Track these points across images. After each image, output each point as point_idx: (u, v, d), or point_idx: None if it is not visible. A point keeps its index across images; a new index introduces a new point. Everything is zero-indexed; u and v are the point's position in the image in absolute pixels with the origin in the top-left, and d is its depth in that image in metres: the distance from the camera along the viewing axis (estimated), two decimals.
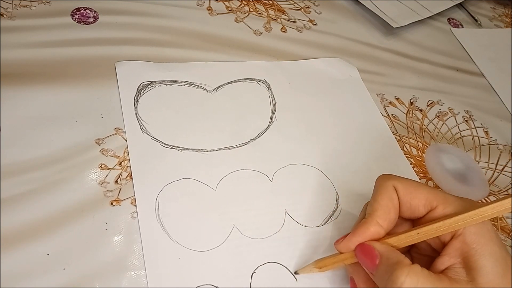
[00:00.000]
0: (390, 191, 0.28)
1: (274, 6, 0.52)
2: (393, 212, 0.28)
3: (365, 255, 0.27)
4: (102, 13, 0.43)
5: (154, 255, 0.29)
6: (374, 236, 0.27)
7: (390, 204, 0.28)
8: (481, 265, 0.25)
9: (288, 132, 0.39)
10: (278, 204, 0.34)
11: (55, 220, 0.29)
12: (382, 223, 0.27)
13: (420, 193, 0.28)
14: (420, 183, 0.29)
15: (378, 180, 0.29)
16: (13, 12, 0.40)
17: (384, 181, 0.29)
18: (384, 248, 0.27)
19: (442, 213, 0.27)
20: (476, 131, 0.47)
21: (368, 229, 0.27)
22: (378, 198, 0.28)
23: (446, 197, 0.28)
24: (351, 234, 0.28)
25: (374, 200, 0.28)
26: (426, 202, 0.28)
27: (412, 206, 0.28)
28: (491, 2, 0.69)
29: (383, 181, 0.29)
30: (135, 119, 0.35)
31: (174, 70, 0.40)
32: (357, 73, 0.47)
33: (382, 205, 0.28)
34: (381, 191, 0.28)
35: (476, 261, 0.25)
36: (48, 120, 0.33)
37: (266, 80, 0.42)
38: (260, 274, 0.30)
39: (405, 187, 0.28)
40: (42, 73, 0.36)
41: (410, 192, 0.28)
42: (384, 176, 0.29)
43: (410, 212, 0.28)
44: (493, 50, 0.59)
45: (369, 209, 0.28)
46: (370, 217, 0.28)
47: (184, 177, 0.33)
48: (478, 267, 0.25)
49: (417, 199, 0.28)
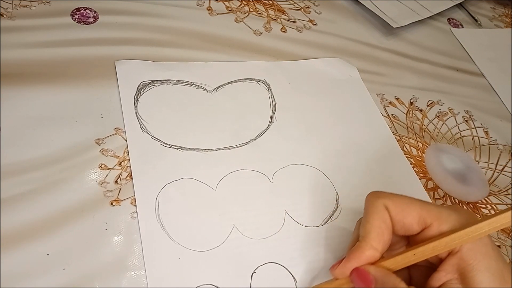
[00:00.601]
0: (381, 211, 0.27)
1: (274, 6, 0.52)
2: (386, 233, 0.27)
3: (360, 280, 0.26)
4: (102, 13, 0.43)
5: (154, 255, 0.29)
6: (369, 260, 0.27)
7: (383, 225, 0.27)
8: (478, 281, 0.25)
9: (288, 132, 0.39)
10: (278, 204, 0.34)
11: (55, 220, 0.29)
12: (377, 246, 0.27)
13: (413, 210, 0.27)
14: (412, 199, 0.28)
15: (368, 199, 0.28)
16: (13, 12, 0.40)
17: (374, 200, 0.28)
18: (379, 272, 0.26)
19: (437, 231, 0.26)
20: (476, 131, 0.47)
21: (363, 253, 0.26)
22: (370, 220, 0.27)
23: (440, 213, 0.27)
24: (346, 260, 0.27)
25: (366, 222, 0.27)
26: (419, 220, 0.27)
27: (406, 225, 0.27)
28: (491, 2, 0.69)
29: (373, 200, 0.28)
30: (135, 118, 0.35)
31: (174, 69, 0.40)
32: (357, 73, 0.47)
33: (375, 226, 0.27)
34: (372, 211, 0.27)
35: (473, 277, 0.25)
36: (48, 120, 0.33)
37: (266, 80, 0.42)
38: (260, 274, 0.30)
39: (396, 205, 0.27)
40: (42, 73, 0.36)
41: (402, 210, 0.27)
42: (374, 195, 0.28)
43: (404, 230, 0.27)
44: (493, 50, 0.59)
45: (362, 231, 0.27)
46: (364, 241, 0.27)
47: (184, 177, 0.33)
48: (475, 283, 0.25)
49: (410, 217, 0.27)
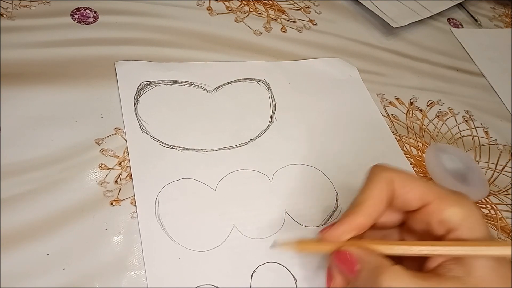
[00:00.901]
0: (384, 181, 0.27)
1: (274, 6, 0.52)
2: (383, 203, 0.27)
3: (343, 261, 0.26)
4: (102, 13, 0.43)
5: (154, 255, 0.29)
6: (361, 226, 0.26)
7: (383, 195, 0.27)
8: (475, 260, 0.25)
9: (288, 132, 0.39)
10: (278, 204, 0.34)
11: (55, 220, 0.29)
12: (371, 213, 0.26)
13: (416, 187, 0.27)
14: (415, 176, 0.28)
15: (372, 170, 0.28)
16: (13, 12, 0.40)
17: (379, 171, 0.28)
18: (363, 252, 0.26)
19: (437, 209, 0.26)
20: (476, 131, 0.47)
21: (356, 220, 0.26)
22: (370, 187, 0.27)
23: (440, 192, 0.27)
24: (338, 223, 0.27)
25: (367, 188, 0.27)
26: (421, 196, 0.27)
27: (407, 199, 0.27)
28: (491, 2, 0.69)
29: (379, 171, 0.28)
30: (135, 119, 0.35)
31: (174, 70, 0.40)
32: (357, 73, 0.47)
33: (373, 195, 0.27)
34: (375, 181, 0.27)
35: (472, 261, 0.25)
36: (48, 120, 0.33)
37: (266, 80, 0.42)
38: (260, 274, 0.30)
39: (402, 179, 0.27)
40: (42, 73, 0.36)
41: (406, 185, 0.27)
42: (379, 167, 0.28)
43: (403, 204, 0.27)
44: (493, 50, 0.59)
45: (359, 197, 0.27)
46: (358, 207, 0.27)
47: (184, 177, 0.33)
48: (471, 262, 0.25)
49: (413, 192, 0.27)
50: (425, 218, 0.27)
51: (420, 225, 0.27)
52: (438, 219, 0.26)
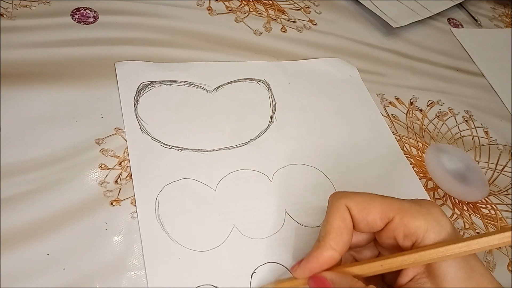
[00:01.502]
0: (342, 211, 0.27)
1: (274, 6, 0.52)
2: (345, 233, 0.27)
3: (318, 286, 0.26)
4: (102, 13, 0.43)
5: (154, 255, 0.29)
6: (328, 260, 0.26)
7: (342, 225, 0.27)
8: (444, 272, 0.25)
9: (288, 132, 0.39)
10: (278, 204, 0.34)
11: (55, 220, 0.29)
12: (336, 247, 0.26)
13: (374, 207, 0.27)
14: (373, 195, 0.28)
15: (330, 200, 0.28)
16: (13, 12, 0.40)
17: (335, 200, 0.27)
18: (335, 276, 0.26)
19: (400, 224, 0.26)
20: (476, 131, 0.47)
21: (321, 254, 0.26)
22: (330, 220, 0.27)
23: (401, 205, 0.27)
24: (305, 260, 0.27)
25: (326, 222, 0.27)
26: (382, 215, 0.27)
27: (369, 222, 0.27)
28: (491, 2, 0.69)
29: (334, 200, 0.27)
30: (135, 119, 0.35)
31: (174, 70, 0.40)
32: (357, 73, 0.47)
33: (334, 227, 0.27)
34: (333, 211, 0.27)
35: (439, 268, 0.25)
36: (48, 120, 0.33)
37: (266, 80, 0.42)
38: (260, 274, 0.30)
39: (358, 203, 0.27)
40: (42, 73, 0.36)
41: (364, 208, 0.27)
42: (335, 195, 0.28)
43: (368, 227, 0.27)
44: (493, 50, 0.59)
45: (322, 231, 0.27)
46: (323, 241, 0.26)
47: (184, 177, 0.33)
48: (441, 274, 0.25)
49: (373, 214, 0.27)
50: (391, 235, 0.27)
51: (388, 241, 0.27)
52: (402, 233, 0.26)
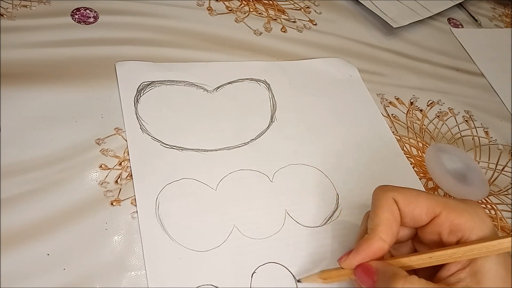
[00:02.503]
0: (390, 203, 0.27)
1: (274, 6, 0.52)
2: (395, 225, 0.27)
3: (364, 274, 0.27)
4: (102, 13, 0.43)
5: (154, 255, 0.29)
6: (378, 252, 0.27)
7: (391, 218, 0.27)
8: (488, 268, 0.25)
9: (288, 132, 0.39)
10: (278, 204, 0.34)
11: (55, 220, 0.29)
12: (385, 238, 0.27)
13: (421, 202, 0.27)
14: (419, 191, 0.28)
15: (376, 193, 0.29)
16: (13, 12, 0.40)
17: (383, 193, 0.28)
18: (380, 264, 0.26)
19: (446, 220, 0.27)
20: (476, 131, 0.47)
21: (372, 245, 0.27)
22: (378, 212, 0.27)
23: (447, 202, 0.27)
24: (355, 251, 0.27)
25: (374, 215, 0.28)
26: (428, 210, 0.27)
27: (415, 216, 0.27)
28: (491, 2, 0.69)
29: (382, 193, 0.28)
30: (135, 119, 0.35)
31: (174, 70, 0.40)
32: (357, 73, 0.47)
33: (383, 219, 0.27)
34: (381, 204, 0.28)
35: (483, 264, 0.25)
36: (48, 120, 0.33)
37: (266, 80, 0.42)
38: (260, 274, 0.30)
39: (405, 197, 0.28)
40: (42, 73, 0.36)
41: (411, 202, 0.27)
42: (382, 188, 0.29)
43: (413, 221, 0.28)
44: (493, 50, 0.59)
45: (371, 223, 0.28)
46: (372, 233, 0.27)
47: (184, 177, 0.33)
48: (484, 270, 0.25)
49: (419, 208, 0.27)
50: (436, 230, 0.27)
51: (431, 237, 0.28)
52: (448, 229, 0.27)
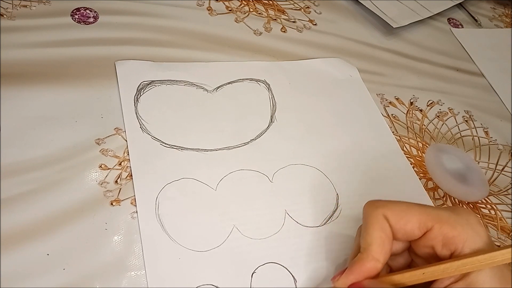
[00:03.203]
0: (381, 221, 0.27)
1: (274, 6, 0.52)
2: (387, 242, 0.27)
3: None
4: (102, 13, 0.43)
5: (154, 255, 0.29)
6: (371, 271, 0.26)
7: (383, 235, 0.27)
8: (482, 281, 0.25)
9: (288, 132, 0.39)
10: (278, 204, 0.34)
11: (55, 220, 0.29)
12: (379, 257, 0.26)
13: (412, 216, 0.27)
14: (410, 204, 0.28)
15: (366, 209, 0.28)
16: (13, 12, 0.40)
17: (373, 210, 0.27)
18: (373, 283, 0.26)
19: (439, 233, 0.26)
20: (476, 131, 0.47)
21: (364, 266, 0.26)
22: (370, 231, 0.27)
23: (439, 215, 0.27)
24: (348, 271, 0.27)
25: (366, 233, 0.27)
26: (420, 225, 0.27)
27: (407, 231, 0.27)
28: (491, 2, 0.69)
29: (371, 210, 0.28)
30: (135, 119, 0.35)
31: (174, 70, 0.40)
32: (357, 73, 0.47)
33: (375, 237, 0.27)
34: (372, 222, 0.27)
35: (476, 277, 0.25)
36: (48, 120, 0.33)
37: (266, 80, 0.42)
38: (260, 274, 0.30)
39: (395, 213, 0.27)
40: (42, 73, 0.36)
41: (402, 218, 0.27)
42: (372, 204, 0.28)
43: (405, 236, 0.27)
44: (493, 50, 0.59)
45: (363, 243, 0.27)
46: (365, 253, 0.27)
47: (184, 177, 0.33)
48: (478, 283, 0.25)
49: (411, 223, 0.27)
50: (429, 244, 0.27)
51: (425, 250, 0.28)
52: (441, 243, 0.26)
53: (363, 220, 0.28)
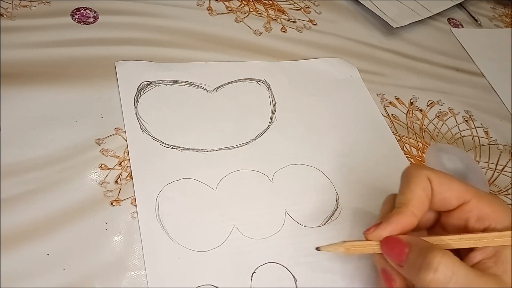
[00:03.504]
0: (424, 181, 0.27)
1: (274, 6, 0.52)
2: (426, 202, 0.27)
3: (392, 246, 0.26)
4: (102, 13, 0.43)
5: (154, 255, 0.29)
6: (408, 225, 0.27)
7: (424, 194, 0.27)
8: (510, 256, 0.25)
9: (288, 132, 0.39)
10: (278, 204, 0.34)
11: (55, 220, 0.29)
12: (417, 213, 0.27)
13: (454, 185, 0.27)
14: (451, 176, 0.28)
15: (410, 170, 0.29)
16: (13, 12, 0.40)
17: (418, 170, 0.28)
18: (411, 238, 0.26)
19: (475, 207, 0.27)
20: (476, 131, 0.47)
21: (403, 219, 0.27)
22: (412, 187, 0.27)
23: (477, 192, 0.27)
24: (385, 223, 0.27)
25: (407, 189, 0.28)
26: (459, 195, 0.27)
27: (445, 198, 0.27)
28: (491, 2, 0.69)
29: (416, 170, 0.28)
30: (135, 119, 0.35)
31: (174, 70, 0.40)
32: (357, 73, 0.47)
33: (416, 194, 0.27)
34: (415, 180, 0.28)
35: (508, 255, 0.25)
36: (48, 120, 0.33)
37: (266, 80, 0.42)
38: (260, 274, 0.30)
39: (439, 178, 0.28)
40: (42, 73, 0.36)
41: (444, 183, 0.27)
42: (417, 166, 0.29)
43: (441, 203, 0.28)
44: (493, 50, 0.59)
45: (402, 198, 0.27)
46: (405, 207, 0.27)
47: (184, 177, 0.33)
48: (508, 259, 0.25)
49: (451, 191, 0.27)
50: (463, 216, 0.27)
51: (456, 223, 0.28)
52: (476, 217, 0.27)
53: (404, 179, 0.28)
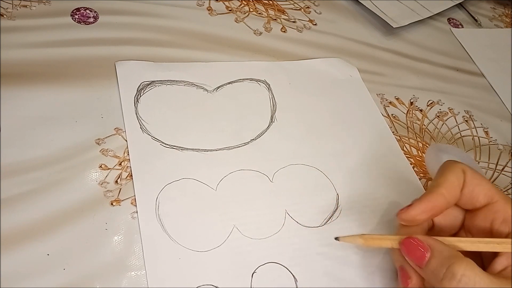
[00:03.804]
0: (458, 172, 0.29)
1: (274, 6, 0.52)
2: (458, 189, 0.28)
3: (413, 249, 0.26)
4: (102, 13, 0.43)
5: (154, 255, 0.29)
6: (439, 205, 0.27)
7: (456, 181, 0.28)
8: None
9: (288, 132, 0.39)
10: (278, 204, 0.34)
11: (55, 220, 0.29)
12: (447, 195, 0.28)
13: (485, 183, 0.28)
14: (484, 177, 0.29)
15: (446, 162, 0.30)
16: (13, 12, 0.40)
17: (453, 164, 0.29)
18: (434, 241, 0.26)
19: (502, 208, 0.27)
20: (476, 131, 0.47)
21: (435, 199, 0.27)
22: (445, 174, 0.28)
23: (505, 195, 0.28)
24: (417, 203, 0.28)
25: (441, 176, 0.29)
26: (487, 193, 0.28)
27: (474, 193, 0.28)
28: (491, 2, 0.69)
29: (452, 163, 0.30)
30: (135, 119, 0.35)
31: (174, 70, 0.40)
32: (357, 73, 0.47)
33: (449, 180, 0.28)
34: (450, 170, 0.29)
35: None
36: (48, 120, 0.33)
37: (266, 80, 0.42)
38: (260, 274, 0.30)
39: (473, 173, 0.29)
40: (42, 73, 0.36)
41: (476, 179, 0.28)
42: (452, 161, 0.30)
43: (469, 197, 0.28)
44: (493, 50, 0.59)
45: (435, 182, 0.28)
46: (437, 188, 0.28)
47: (184, 177, 0.33)
48: None
49: (481, 186, 0.28)
50: (489, 216, 0.28)
51: (481, 224, 0.28)
52: (502, 218, 0.27)
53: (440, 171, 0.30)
